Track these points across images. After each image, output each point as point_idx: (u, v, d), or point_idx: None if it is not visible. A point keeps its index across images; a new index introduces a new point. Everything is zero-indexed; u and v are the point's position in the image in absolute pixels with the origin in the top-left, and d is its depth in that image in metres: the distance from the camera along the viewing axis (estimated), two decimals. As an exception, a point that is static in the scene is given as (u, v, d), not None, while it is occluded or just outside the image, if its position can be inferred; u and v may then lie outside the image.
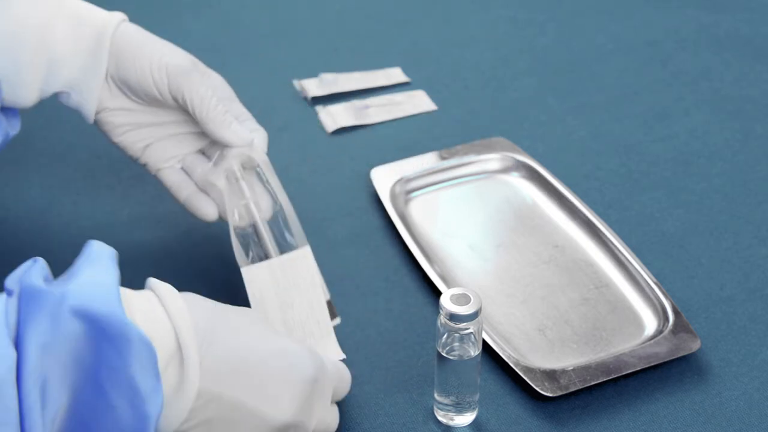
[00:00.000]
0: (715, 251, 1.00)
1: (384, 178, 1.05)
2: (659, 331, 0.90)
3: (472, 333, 0.80)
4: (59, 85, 0.88)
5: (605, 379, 0.86)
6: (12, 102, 0.87)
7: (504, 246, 1.00)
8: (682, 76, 1.22)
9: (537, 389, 0.85)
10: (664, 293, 0.93)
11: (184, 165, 0.92)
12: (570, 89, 1.20)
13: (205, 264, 0.98)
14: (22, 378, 0.64)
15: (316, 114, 1.16)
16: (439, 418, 0.85)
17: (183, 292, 0.74)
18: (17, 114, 0.90)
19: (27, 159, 1.08)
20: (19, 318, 0.65)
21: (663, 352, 0.88)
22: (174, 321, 0.71)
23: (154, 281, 0.73)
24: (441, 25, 1.30)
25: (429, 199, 1.05)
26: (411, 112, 1.17)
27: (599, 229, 0.99)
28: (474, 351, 0.81)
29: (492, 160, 1.08)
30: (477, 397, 0.85)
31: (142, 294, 0.72)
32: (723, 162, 1.10)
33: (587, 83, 1.21)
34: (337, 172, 1.08)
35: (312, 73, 1.21)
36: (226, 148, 0.89)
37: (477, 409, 0.85)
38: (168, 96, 0.88)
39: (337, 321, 0.88)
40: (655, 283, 0.94)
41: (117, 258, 0.71)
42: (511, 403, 0.86)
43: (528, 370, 0.87)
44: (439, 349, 0.82)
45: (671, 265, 0.98)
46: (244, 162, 0.89)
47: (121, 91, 0.89)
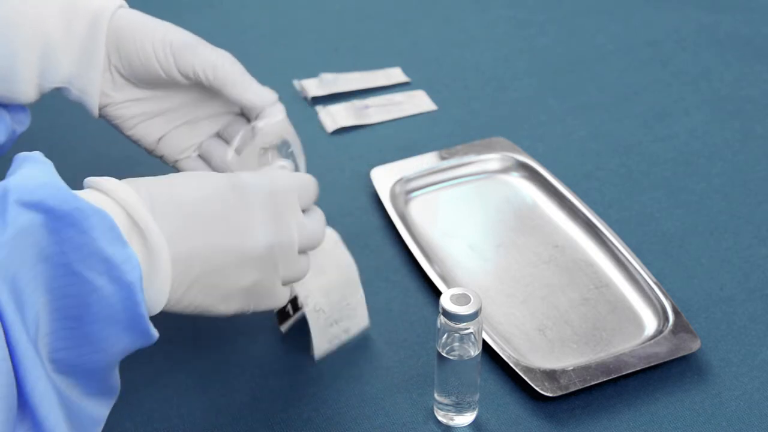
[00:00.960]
0: (715, 251, 1.00)
1: (384, 178, 1.05)
2: (659, 331, 0.90)
3: (472, 333, 0.80)
4: (57, 79, 0.85)
5: (605, 379, 0.86)
6: (10, 98, 0.85)
7: (504, 246, 1.00)
8: (682, 76, 1.22)
9: (537, 389, 0.85)
10: (664, 293, 0.93)
11: (201, 152, 0.91)
12: (570, 89, 1.20)
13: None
14: None
15: (316, 114, 1.16)
16: (439, 418, 0.85)
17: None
18: (26, 110, 0.88)
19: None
20: None
21: (663, 352, 0.88)
22: (118, 199, 0.69)
23: (89, 179, 0.71)
24: (441, 25, 1.30)
25: (429, 199, 1.05)
26: (411, 112, 1.17)
27: (599, 229, 0.99)
28: (474, 351, 0.81)
29: (492, 160, 1.08)
30: (477, 397, 0.85)
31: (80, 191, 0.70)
32: (723, 162, 1.10)
33: (587, 83, 1.21)
34: (337, 172, 1.08)
35: (312, 73, 1.21)
36: (257, 125, 0.87)
37: (477, 409, 0.85)
38: (176, 74, 0.85)
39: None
40: (655, 283, 0.94)
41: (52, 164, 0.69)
42: (511, 403, 0.86)
43: (528, 370, 0.87)
44: (439, 349, 0.81)
45: (671, 265, 0.98)
46: (274, 142, 0.88)
47: (127, 81, 0.87)
